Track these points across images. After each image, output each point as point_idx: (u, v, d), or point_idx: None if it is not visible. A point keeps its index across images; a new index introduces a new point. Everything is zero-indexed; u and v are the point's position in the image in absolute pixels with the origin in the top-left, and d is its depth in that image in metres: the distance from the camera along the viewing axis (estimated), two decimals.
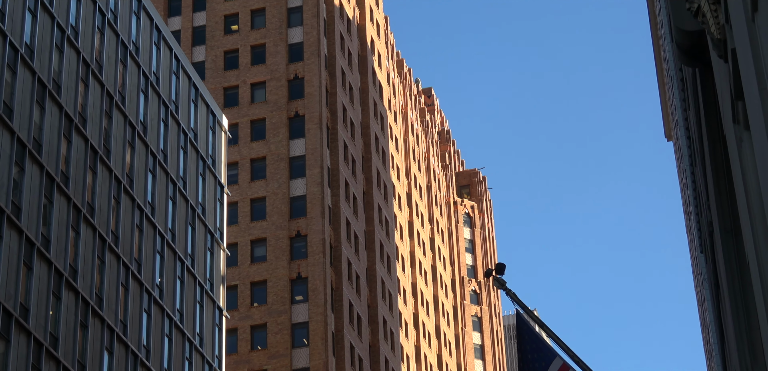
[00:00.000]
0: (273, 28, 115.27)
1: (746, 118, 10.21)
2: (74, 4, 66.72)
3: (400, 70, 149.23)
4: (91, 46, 68.07)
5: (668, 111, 70.53)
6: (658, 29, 59.47)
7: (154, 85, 76.50)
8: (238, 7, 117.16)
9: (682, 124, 23.37)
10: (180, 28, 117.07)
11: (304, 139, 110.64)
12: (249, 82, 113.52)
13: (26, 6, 61.01)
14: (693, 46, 13.45)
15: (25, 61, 60.03)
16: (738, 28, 9.61)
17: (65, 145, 63.44)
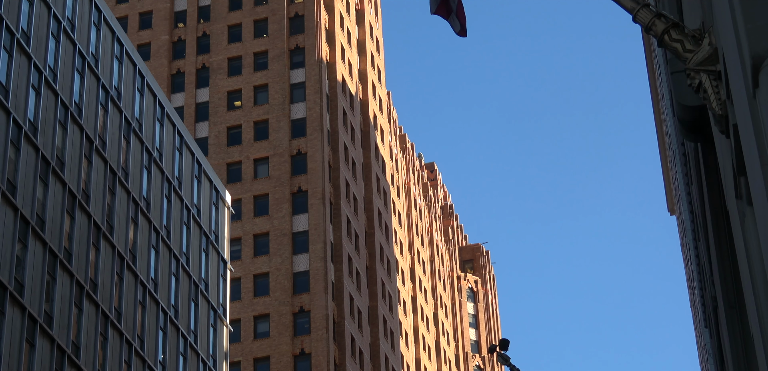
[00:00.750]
0: (276, 104, 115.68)
1: (749, 194, 10.21)
2: (78, 80, 67.01)
3: (402, 144, 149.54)
4: (94, 122, 68.27)
5: (671, 185, 70.55)
6: (659, 104, 59.62)
7: (157, 161, 76.65)
8: (241, 83, 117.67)
9: (684, 198, 23.39)
10: (183, 104, 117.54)
11: (307, 214, 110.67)
12: (252, 158, 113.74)
13: (30, 83, 61.27)
14: (695, 121, 13.48)
15: (28, 137, 60.18)
16: (739, 104, 9.63)
17: (68, 221, 63.47)
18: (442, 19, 15.17)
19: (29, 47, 61.44)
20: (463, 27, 15.05)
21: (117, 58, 73.10)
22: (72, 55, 66.69)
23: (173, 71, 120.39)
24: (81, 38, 68.09)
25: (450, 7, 14.98)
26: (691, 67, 11.42)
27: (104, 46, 71.47)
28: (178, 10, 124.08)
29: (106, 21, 71.97)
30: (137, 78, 75.89)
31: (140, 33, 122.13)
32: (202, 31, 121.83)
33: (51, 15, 64.43)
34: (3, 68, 58.82)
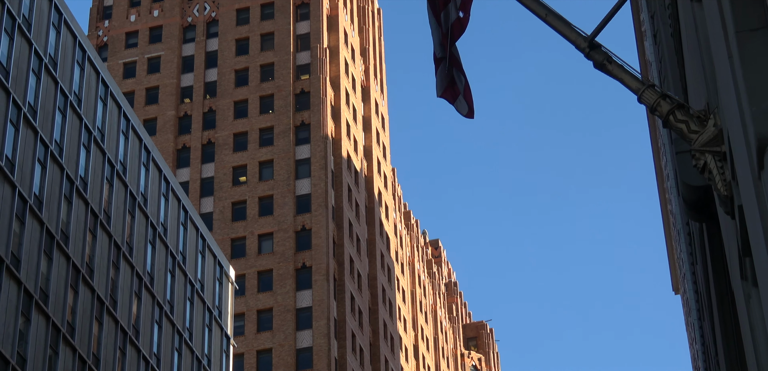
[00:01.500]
0: (281, 180, 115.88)
1: (754, 275, 10.18)
2: (84, 155, 67.18)
3: (407, 221, 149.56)
4: (99, 197, 68.36)
5: (676, 264, 70.41)
6: (664, 183, 59.65)
7: (161, 236, 76.66)
8: (247, 158, 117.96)
9: (689, 278, 23.34)
10: (189, 178, 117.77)
11: (310, 290, 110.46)
12: (256, 234, 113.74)
13: (36, 157, 61.42)
14: (700, 202, 13.47)
15: (33, 211, 60.24)
16: (744, 186, 9.63)
17: (72, 295, 63.37)
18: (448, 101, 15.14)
19: (36, 121, 61.65)
20: (470, 108, 15.02)
21: (123, 132, 73.34)
22: (78, 129, 66.91)
23: (179, 146, 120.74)
24: (87, 113, 68.35)
25: (457, 89, 14.97)
26: (697, 147, 11.43)
27: (110, 120, 71.72)
28: (185, 85, 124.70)
29: (113, 96, 72.28)
30: (143, 153, 76.08)
31: (147, 108, 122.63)
32: (208, 107, 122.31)
33: (58, 89, 64.72)
34: (9, 142, 58.99)
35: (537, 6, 13.22)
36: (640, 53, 55.32)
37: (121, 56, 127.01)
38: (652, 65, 31.23)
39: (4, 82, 58.75)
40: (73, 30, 67.86)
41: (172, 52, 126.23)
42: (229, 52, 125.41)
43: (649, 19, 27.78)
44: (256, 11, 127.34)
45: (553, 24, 13.01)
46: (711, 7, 10.45)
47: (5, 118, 58.63)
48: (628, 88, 12.41)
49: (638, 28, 53.72)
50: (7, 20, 60.06)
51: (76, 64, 67.84)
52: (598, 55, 12.67)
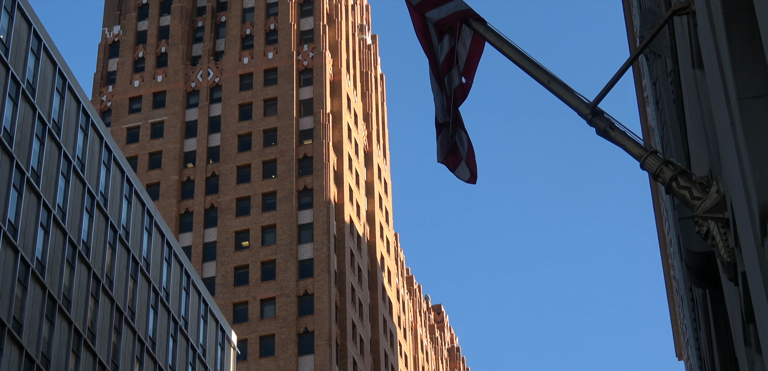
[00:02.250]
0: (283, 245, 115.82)
1: (758, 342, 10.16)
2: (86, 219, 67.21)
3: (409, 286, 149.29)
4: (102, 261, 68.32)
5: (679, 330, 70.19)
6: (667, 248, 59.53)
7: (163, 300, 76.53)
8: (250, 223, 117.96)
9: (693, 344, 23.27)
10: (191, 243, 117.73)
11: (313, 355, 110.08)
12: (259, 298, 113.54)
13: (39, 221, 61.45)
14: (703, 268, 13.46)
15: (36, 276, 60.19)
16: (748, 252, 9.63)
17: (74, 360, 63.16)
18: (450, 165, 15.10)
19: (39, 186, 61.73)
20: (473, 173, 14.98)
21: (126, 197, 73.41)
22: (81, 194, 66.98)
23: (182, 211, 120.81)
24: (91, 178, 68.44)
25: (459, 155, 14.95)
26: (699, 214, 11.44)
27: (113, 185, 71.80)
28: (188, 150, 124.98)
29: (116, 161, 72.43)
30: (146, 217, 76.11)
31: (150, 172, 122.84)
32: (211, 172, 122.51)
33: (61, 154, 64.86)
34: (12, 206, 59.04)
35: (540, 73, 13.28)
36: (642, 119, 55.44)
37: (124, 121, 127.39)
38: (655, 131, 31.31)
39: (8, 147, 58.88)
40: (77, 95, 68.10)
41: (176, 117, 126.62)
42: (233, 117, 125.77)
43: (651, 86, 27.88)
44: (259, 77, 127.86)
45: (555, 91, 13.06)
46: (713, 74, 10.50)
47: (8, 183, 58.71)
48: (631, 155, 12.43)
49: (640, 95, 53.88)
50: (11, 85, 60.29)
51: (80, 129, 68.02)
52: (600, 121, 12.71)
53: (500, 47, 13.76)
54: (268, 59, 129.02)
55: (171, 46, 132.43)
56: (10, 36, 60.76)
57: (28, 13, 63.26)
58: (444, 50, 14.71)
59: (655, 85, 25.04)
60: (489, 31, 14.10)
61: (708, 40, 10.58)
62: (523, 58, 13.48)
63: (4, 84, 59.52)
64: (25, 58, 62.17)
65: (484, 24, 14.27)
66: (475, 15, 14.39)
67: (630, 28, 47.36)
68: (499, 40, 13.83)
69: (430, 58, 14.88)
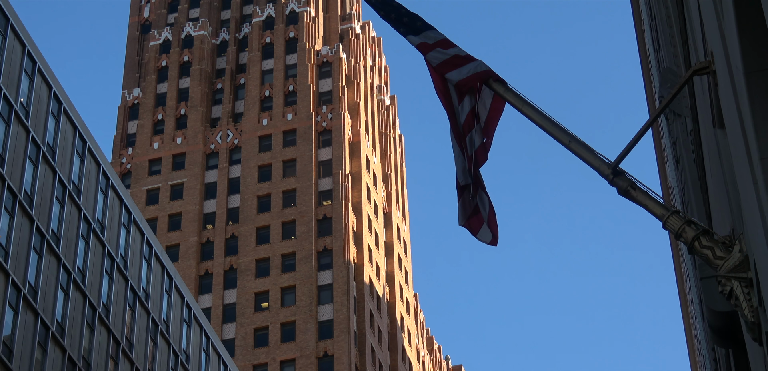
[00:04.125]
0: (303, 306, 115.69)
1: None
2: (106, 281, 67.29)
3: (430, 347, 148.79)
4: (122, 324, 68.32)
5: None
6: (688, 308, 59.22)
7: (183, 362, 76.42)
8: (269, 284, 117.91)
9: None
10: (211, 305, 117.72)
11: None
12: (278, 360, 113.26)
13: (58, 284, 61.55)
14: (726, 328, 13.37)
15: (55, 338, 60.19)
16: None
17: None
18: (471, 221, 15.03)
19: (59, 248, 61.87)
20: (494, 235, 14.93)
21: (146, 259, 73.50)
22: (101, 256, 67.10)
23: (201, 272, 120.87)
24: (111, 240, 68.59)
25: (481, 217, 14.89)
26: (722, 274, 11.38)
27: (133, 247, 71.92)
28: (207, 211, 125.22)
29: (136, 223, 72.59)
30: (166, 279, 76.15)
31: (169, 234, 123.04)
32: (231, 233, 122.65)
33: (81, 216, 65.04)
34: (33, 268, 59.16)
35: (560, 133, 13.28)
36: (662, 178, 55.33)
37: (144, 183, 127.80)
38: (675, 190, 31.25)
39: (28, 210, 59.09)
40: (97, 157, 68.39)
41: (195, 178, 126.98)
42: (252, 178, 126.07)
43: (670, 145, 27.86)
44: (278, 138, 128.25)
45: (576, 151, 13.05)
46: (735, 133, 10.48)
47: (28, 245, 58.86)
48: (653, 214, 12.39)
49: (660, 153, 53.80)
50: (31, 148, 60.60)
51: (100, 191, 68.25)
52: (622, 181, 12.68)
53: (521, 108, 13.78)
54: (287, 120, 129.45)
55: (190, 108, 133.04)
56: (30, 99, 61.14)
57: (49, 76, 63.69)
58: (465, 110, 14.72)
59: (675, 145, 25.02)
60: (509, 92, 14.12)
61: (729, 100, 10.57)
62: (544, 119, 13.49)
63: (24, 147, 59.83)
64: (45, 121, 62.52)
65: (504, 85, 14.29)
66: (495, 76, 14.41)
67: (648, 87, 47.38)
68: (520, 100, 13.85)
69: (451, 118, 14.88)
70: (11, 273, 57.00)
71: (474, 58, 14.80)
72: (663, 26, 22.93)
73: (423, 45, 15.14)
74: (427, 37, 15.19)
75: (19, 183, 58.57)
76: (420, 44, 15.17)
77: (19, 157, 59.22)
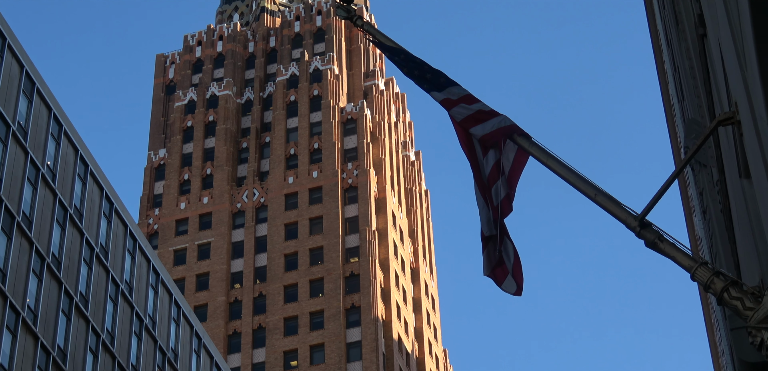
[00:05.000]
0: (332, 363, 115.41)
1: None
2: (135, 343, 67.33)
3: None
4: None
5: None
6: (719, 359, 58.78)
7: None
8: (298, 342, 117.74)
9: None
10: (240, 364, 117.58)
11: None
12: None
13: (88, 345, 61.61)
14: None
15: None
16: None
17: None
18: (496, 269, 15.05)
19: (87, 310, 62.02)
20: (519, 286, 14.95)
21: (174, 320, 73.58)
22: (130, 317, 67.21)
23: (230, 332, 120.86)
24: (139, 301, 68.72)
25: (505, 268, 14.91)
26: (753, 324, 11.31)
27: (161, 308, 72.03)
28: (235, 271, 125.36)
29: (164, 283, 72.73)
30: (194, 339, 76.18)
31: (197, 294, 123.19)
32: (259, 292, 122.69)
33: (109, 278, 65.23)
34: (61, 331, 59.30)
35: (586, 186, 13.25)
36: (689, 229, 55.07)
37: (171, 243, 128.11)
38: (702, 241, 31.10)
39: (56, 273, 59.30)
40: (124, 219, 68.66)
41: (222, 238, 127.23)
42: (279, 236, 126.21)
43: (697, 195, 27.75)
44: (304, 196, 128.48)
45: (602, 203, 13.01)
46: (761, 183, 10.44)
47: (57, 307, 59.04)
48: (681, 266, 12.33)
49: (686, 204, 53.60)
50: (58, 211, 60.91)
51: (127, 252, 68.46)
52: (649, 234, 12.63)
53: (545, 161, 13.77)
54: (312, 178, 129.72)
55: (216, 167, 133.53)
56: (57, 162, 61.52)
57: (75, 139, 64.09)
58: (489, 163, 14.75)
59: (701, 195, 24.93)
60: (534, 146, 14.12)
61: (754, 150, 10.53)
62: (569, 172, 13.47)
63: (52, 209, 60.14)
64: (72, 183, 62.86)
65: (529, 139, 14.30)
66: (519, 131, 14.43)
67: (673, 138, 47.30)
68: (545, 154, 13.85)
69: (475, 171, 14.91)
70: (40, 336, 57.16)
71: (498, 112, 14.84)
72: (686, 77, 22.93)
73: (447, 101, 15.20)
74: (450, 93, 15.25)
75: (46, 246, 58.82)
76: (444, 100, 15.23)
77: (47, 220, 59.52)
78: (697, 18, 16.47)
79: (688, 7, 19.46)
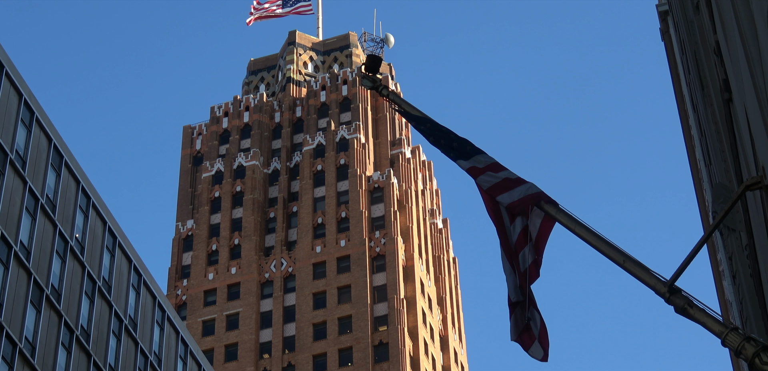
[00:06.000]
0: None
1: None
2: None
3: None
4: None
5: None
6: None
7: None
8: None
9: None
10: None
11: None
12: None
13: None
14: None
15: None
16: None
17: None
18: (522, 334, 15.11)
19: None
20: (545, 352, 15.00)
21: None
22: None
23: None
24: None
25: (532, 334, 14.94)
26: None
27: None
28: (263, 341, 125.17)
29: (192, 354, 72.71)
30: None
31: (226, 365, 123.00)
32: (288, 362, 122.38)
33: (138, 350, 65.26)
34: None
35: (614, 253, 13.22)
36: (718, 293, 54.74)
37: (199, 314, 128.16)
38: (733, 305, 30.92)
39: (85, 345, 59.38)
40: (153, 290, 68.79)
41: (250, 308, 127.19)
42: (307, 306, 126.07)
43: (726, 260, 27.62)
44: (332, 265, 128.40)
45: (631, 270, 12.98)
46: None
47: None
48: (711, 332, 12.26)
49: (715, 269, 53.31)
50: (87, 283, 61.09)
51: (156, 324, 68.53)
52: (678, 299, 12.58)
53: (573, 228, 13.76)
54: (340, 247, 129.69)
55: (244, 237, 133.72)
56: (85, 234, 61.79)
57: (103, 211, 64.40)
58: (516, 230, 14.79)
59: (730, 260, 24.82)
60: (561, 213, 14.12)
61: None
62: (597, 239, 13.45)
63: (80, 282, 60.32)
64: (100, 255, 63.09)
65: (556, 206, 14.30)
66: (546, 198, 14.45)
67: (701, 202, 47.14)
68: (572, 221, 13.84)
69: (501, 238, 14.95)
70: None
71: (525, 180, 14.88)
72: (713, 141, 22.89)
73: (473, 169, 15.25)
74: (477, 161, 15.30)
75: (75, 318, 58.96)
76: (470, 168, 15.28)
77: (75, 293, 59.70)
78: (723, 83, 16.47)
79: (713, 72, 19.47)
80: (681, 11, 26.78)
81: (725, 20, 14.96)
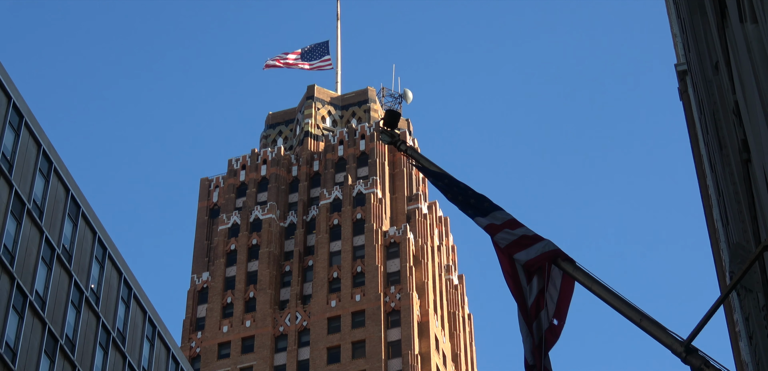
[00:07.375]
0: None
1: None
2: None
3: None
4: None
5: None
6: None
7: None
8: None
9: None
10: None
11: None
12: None
13: None
14: None
15: None
16: None
17: None
18: None
19: None
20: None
21: None
22: None
23: None
24: None
25: None
26: None
27: None
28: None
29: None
30: None
31: None
32: None
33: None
34: None
35: (631, 311, 13.18)
36: (735, 354, 54.43)
37: (213, 367, 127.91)
38: (749, 367, 30.75)
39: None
40: (167, 342, 68.76)
41: (264, 361, 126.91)
42: (321, 360, 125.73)
43: (743, 321, 27.50)
44: (346, 319, 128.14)
45: (648, 329, 12.93)
46: None
47: None
48: None
49: (732, 329, 53.05)
50: (102, 334, 61.11)
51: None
52: (695, 360, 12.53)
53: (590, 287, 13.72)
54: (355, 302, 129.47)
55: (259, 291, 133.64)
56: (101, 285, 61.87)
57: (119, 262, 64.51)
58: (533, 292, 14.72)
59: (747, 321, 24.70)
60: (578, 271, 14.08)
61: None
62: (614, 297, 13.42)
63: (95, 332, 60.34)
64: (115, 306, 63.15)
65: (573, 264, 14.26)
66: (564, 255, 14.40)
67: (718, 262, 46.99)
68: (589, 279, 13.80)
69: (518, 301, 14.89)
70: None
71: (542, 237, 14.83)
72: (731, 202, 22.85)
73: (491, 226, 15.22)
74: (494, 218, 15.27)
75: (89, 369, 58.92)
76: (488, 225, 15.25)
77: (90, 343, 59.71)
78: (741, 143, 16.46)
79: (732, 132, 19.46)
80: (700, 71, 26.82)
81: (745, 81, 14.97)
